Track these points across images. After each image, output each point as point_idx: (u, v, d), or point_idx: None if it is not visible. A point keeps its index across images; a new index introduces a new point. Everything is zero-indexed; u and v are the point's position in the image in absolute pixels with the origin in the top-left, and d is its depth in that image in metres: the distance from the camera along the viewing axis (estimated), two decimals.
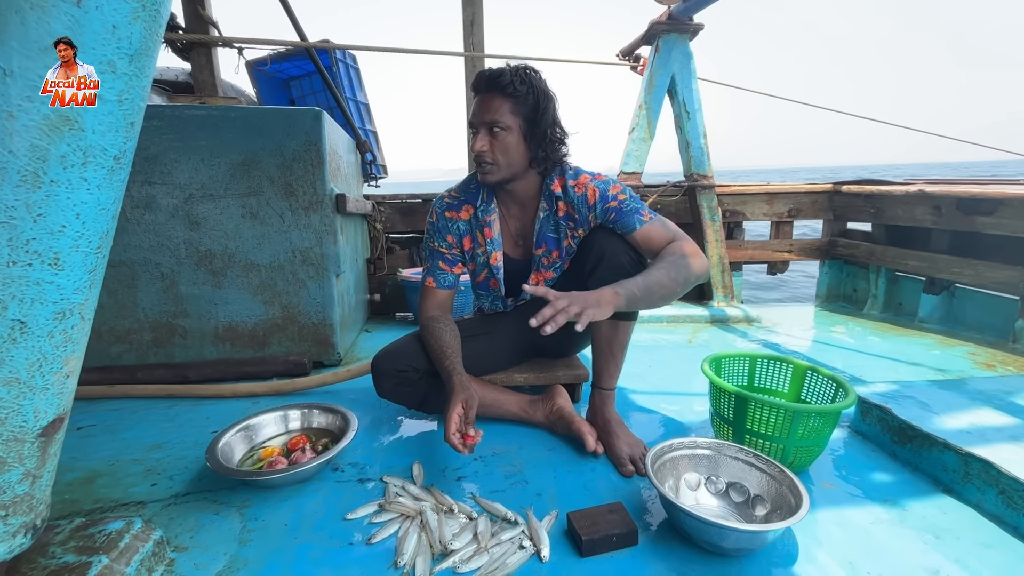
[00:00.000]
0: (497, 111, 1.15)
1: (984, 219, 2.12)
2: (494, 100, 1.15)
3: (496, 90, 1.15)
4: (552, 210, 1.29)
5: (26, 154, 0.49)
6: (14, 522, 0.62)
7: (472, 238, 1.35)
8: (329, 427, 1.34)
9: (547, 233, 1.31)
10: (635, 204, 1.22)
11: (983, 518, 1.02)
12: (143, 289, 1.77)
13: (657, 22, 2.57)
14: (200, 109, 1.74)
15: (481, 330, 1.46)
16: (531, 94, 1.16)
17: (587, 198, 1.24)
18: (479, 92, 1.18)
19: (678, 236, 1.19)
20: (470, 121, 1.21)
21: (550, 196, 1.27)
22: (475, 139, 1.18)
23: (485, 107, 1.16)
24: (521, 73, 1.16)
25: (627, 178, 2.68)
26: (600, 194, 1.23)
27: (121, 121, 0.54)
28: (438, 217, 1.35)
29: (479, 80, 1.18)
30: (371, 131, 3.14)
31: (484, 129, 1.17)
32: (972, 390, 1.36)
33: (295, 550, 0.95)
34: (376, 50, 2.38)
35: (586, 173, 1.27)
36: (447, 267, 1.35)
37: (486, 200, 1.32)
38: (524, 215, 1.34)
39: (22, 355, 0.55)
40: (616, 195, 1.22)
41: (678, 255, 1.13)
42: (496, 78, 1.15)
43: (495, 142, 1.17)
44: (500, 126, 1.16)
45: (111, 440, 1.39)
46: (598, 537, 0.93)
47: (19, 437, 0.58)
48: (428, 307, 1.35)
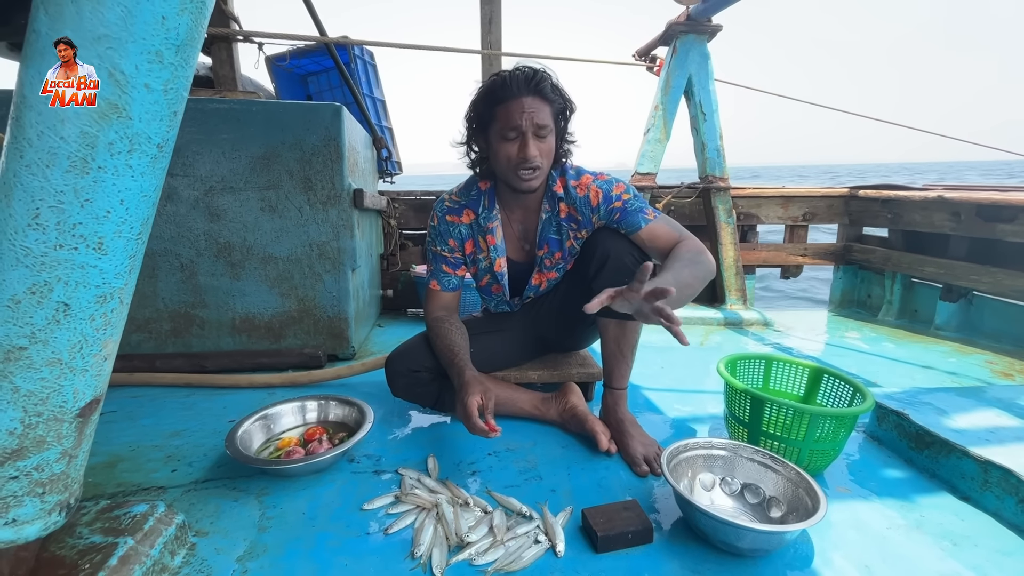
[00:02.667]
0: (543, 114, 1.12)
1: (1004, 226, 2.09)
2: (537, 103, 1.12)
3: (539, 94, 1.12)
4: (554, 211, 1.27)
5: (76, 140, 0.51)
6: (50, 500, 0.64)
7: (474, 242, 1.34)
8: (345, 419, 1.35)
9: (549, 235, 1.30)
10: (639, 203, 1.21)
11: (1002, 526, 1.01)
12: (163, 279, 1.80)
13: (675, 23, 2.57)
14: (222, 103, 1.76)
15: (490, 328, 1.47)
16: (561, 99, 1.16)
17: (590, 200, 1.23)
18: (515, 95, 1.12)
19: (684, 235, 1.19)
20: (508, 127, 1.12)
21: (552, 197, 1.26)
22: (522, 145, 1.12)
23: (533, 110, 1.11)
24: (548, 76, 1.15)
25: (642, 179, 2.68)
26: (604, 195, 1.22)
27: (166, 110, 0.55)
28: (439, 221, 1.33)
29: (516, 83, 1.12)
30: (387, 127, 3.16)
31: (532, 133, 1.12)
32: (991, 398, 1.35)
33: (313, 538, 0.97)
34: (395, 46, 2.39)
35: (588, 173, 1.25)
36: (450, 270, 1.34)
37: (488, 206, 1.29)
38: (527, 218, 1.32)
39: (65, 336, 0.57)
40: (620, 195, 1.21)
41: (695, 252, 1.12)
42: (540, 83, 1.12)
43: (542, 146, 1.14)
44: (547, 131, 1.14)
45: (131, 426, 1.41)
46: (613, 534, 0.93)
47: (59, 417, 0.60)
48: (433, 308, 1.35)
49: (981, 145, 3.12)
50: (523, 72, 1.14)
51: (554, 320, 1.46)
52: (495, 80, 1.15)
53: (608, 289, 0.92)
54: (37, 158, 0.51)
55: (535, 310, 1.48)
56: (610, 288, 0.92)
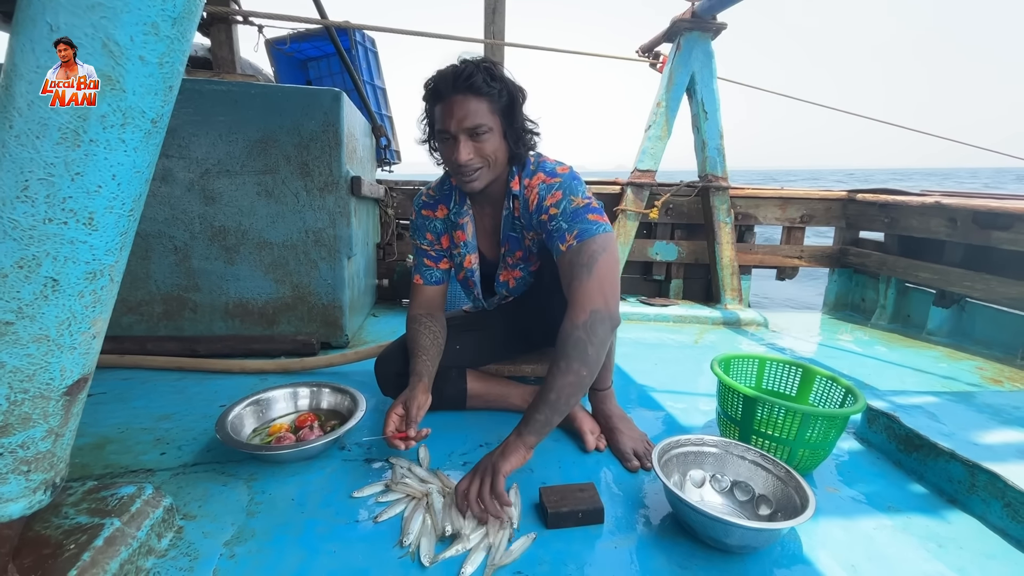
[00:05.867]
0: (476, 113, 1.03)
1: (1000, 234, 2.10)
2: (469, 102, 1.03)
3: (470, 92, 1.02)
4: (511, 208, 1.20)
5: (68, 112, 0.50)
6: (35, 478, 0.63)
7: (449, 237, 1.30)
8: (337, 407, 1.35)
9: (509, 232, 1.23)
10: (565, 221, 1.05)
11: (987, 530, 1.02)
12: (156, 261, 1.78)
13: (680, 19, 2.55)
14: (220, 84, 1.74)
15: (474, 323, 1.45)
16: (504, 89, 1.06)
17: (530, 203, 1.12)
18: (445, 96, 1.04)
19: (577, 277, 1.00)
20: (441, 129, 1.06)
21: (509, 194, 1.18)
22: (454, 148, 1.05)
23: (462, 111, 1.03)
24: (486, 68, 1.05)
25: (641, 175, 2.67)
26: (538, 203, 1.10)
27: (160, 84, 0.54)
28: (416, 215, 1.31)
29: (443, 82, 1.03)
30: (387, 116, 3.14)
31: (465, 136, 1.04)
32: (980, 403, 1.36)
33: (302, 524, 0.96)
34: (397, 32, 2.37)
35: (542, 171, 1.13)
36: (432, 263, 1.31)
37: (458, 202, 1.25)
38: (496, 214, 1.25)
39: (53, 313, 0.56)
40: (549, 209, 1.07)
41: (574, 335, 0.97)
42: (468, 78, 1.02)
43: (480, 147, 1.06)
44: (482, 129, 1.04)
45: (121, 408, 1.40)
46: (564, 511, 0.97)
47: (45, 394, 0.59)
48: (414, 305, 1.31)
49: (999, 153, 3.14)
50: (455, 68, 1.04)
51: (532, 316, 1.43)
52: (431, 78, 1.06)
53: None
54: (27, 128, 0.50)
55: (512, 312, 1.46)
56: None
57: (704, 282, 2.95)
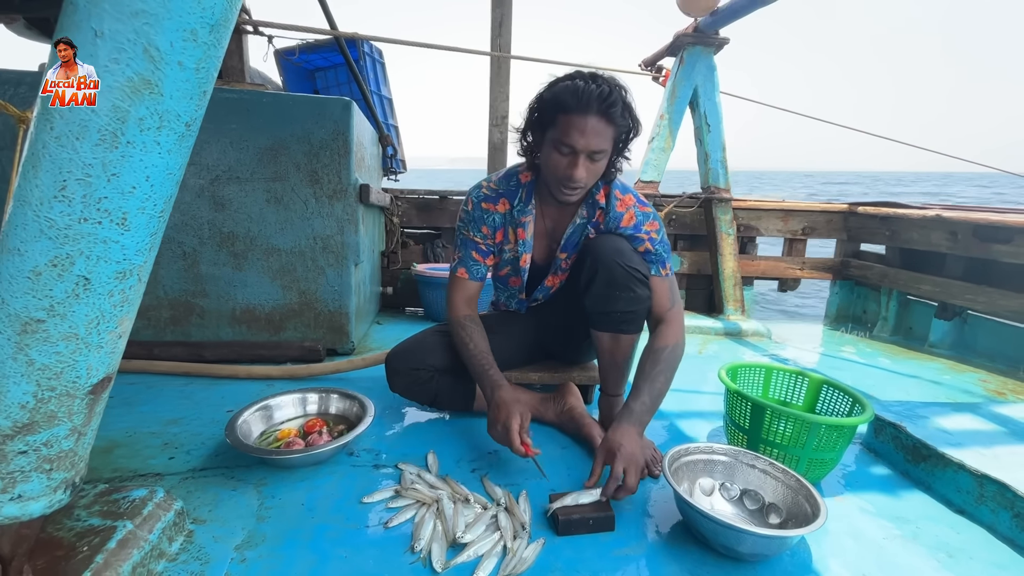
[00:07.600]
0: (603, 138, 1.06)
1: (1001, 247, 2.13)
2: (601, 125, 1.04)
3: (606, 117, 1.04)
4: (590, 218, 1.26)
5: (108, 114, 0.51)
6: (57, 477, 0.63)
7: (504, 233, 1.31)
8: (346, 412, 1.35)
9: (574, 239, 1.29)
10: (661, 253, 1.23)
11: (997, 540, 1.02)
12: (165, 267, 1.79)
13: (683, 34, 2.60)
14: (232, 92, 1.76)
15: (498, 327, 1.47)
16: (628, 119, 1.09)
17: (623, 219, 1.22)
18: (581, 111, 1.03)
19: (674, 307, 1.24)
20: (564, 142, 1.06)
21: (592, 204, 1.24)
22: (572, 163, 1.07)
23: (594, 133, 1.04)
24: (624, 99, 1.07)
25: (644, 187, 2.70)
26: (636, 224, 1.22)
27: (196, 89, 0.55)
28: (474, 207, 1.30)
29: (584, 97, 1.03)
30: (393, 125, 3.17)
31: (585, 155, 1.06)
32: (986, 414, 1.37)
33: (312, 529, 0.96)
34: (404, 43, 2.41)
35: (631, 193, 1.25)
36: (480, 258, 1.31)
37: (524, 199, 1.27)
38: (561, 218, 1.30)
39: (83, 311, 0.57)
40: (649, 233, 1.22)
41: (674, 347, 1.19)
42: (610, 106, 1.03)
43: (593, 167, 1.09)
44: (601, 155, 1.08)
45: (128, 412, 1.40)
46: (575, 519, 0.97)
47: (71, 392, 0.60)
48: (459, 303, 1.31)
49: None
50: (598, 87, 1.04)
51: (557, 332, 1.47)
52: (567, 86, 1.06)
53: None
54: (67, 130, 0.51)
55: (540, 317, 1.48)
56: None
57: (707, 293, 2.96)
